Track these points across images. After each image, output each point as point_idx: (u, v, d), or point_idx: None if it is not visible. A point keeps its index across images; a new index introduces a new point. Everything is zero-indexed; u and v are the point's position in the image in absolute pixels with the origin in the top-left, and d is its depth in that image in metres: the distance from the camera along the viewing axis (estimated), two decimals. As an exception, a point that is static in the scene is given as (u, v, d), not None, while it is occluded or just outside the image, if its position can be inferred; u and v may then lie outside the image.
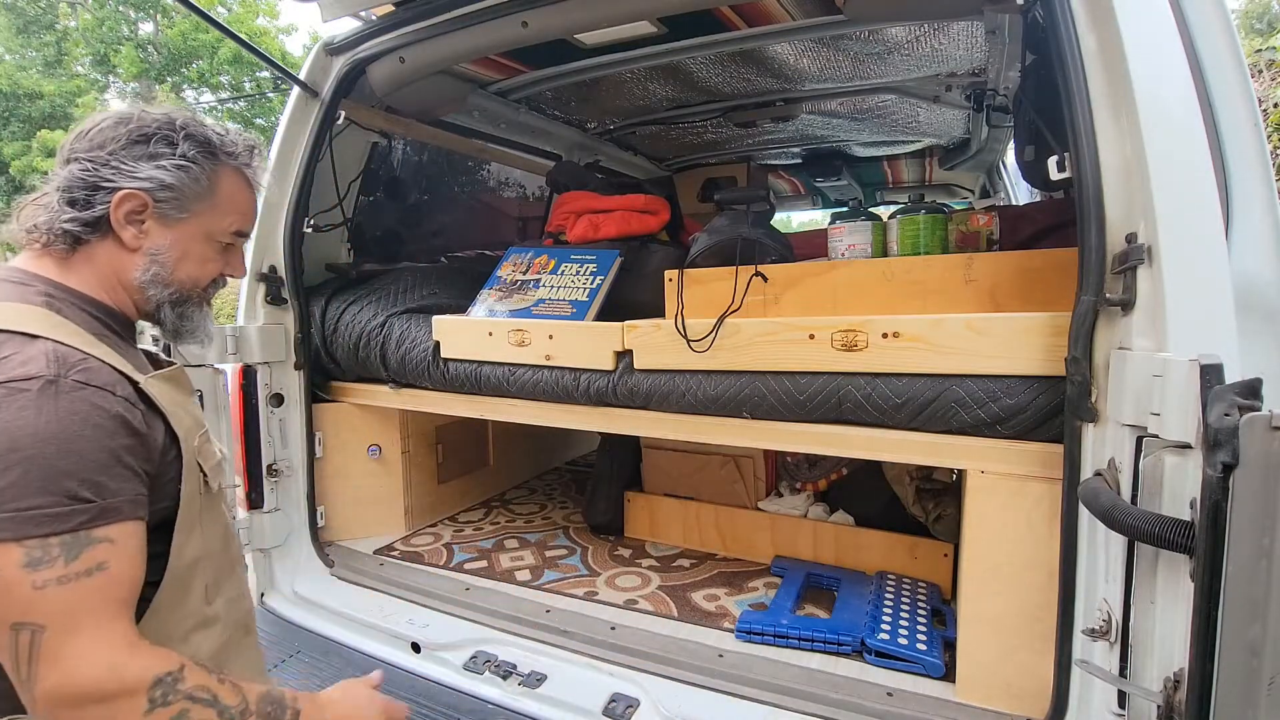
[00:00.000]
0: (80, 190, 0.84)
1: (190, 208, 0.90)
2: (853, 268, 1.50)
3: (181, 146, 0.88)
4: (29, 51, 15.80)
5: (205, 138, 0.91)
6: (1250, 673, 0.72)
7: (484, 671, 1.54)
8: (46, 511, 0.69)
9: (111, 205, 0.84)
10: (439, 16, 1.70)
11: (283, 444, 1.96)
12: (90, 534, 0.71)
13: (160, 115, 0.89)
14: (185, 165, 0.88)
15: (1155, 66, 1.01)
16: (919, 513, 1.89)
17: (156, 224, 0.88)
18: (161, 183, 0.86)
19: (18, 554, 0.68)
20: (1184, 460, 0.86)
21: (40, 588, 0.68)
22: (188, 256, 0.92)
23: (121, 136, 0.86)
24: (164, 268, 0.90)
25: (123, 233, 0.86)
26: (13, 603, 0.68)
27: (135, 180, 0.85)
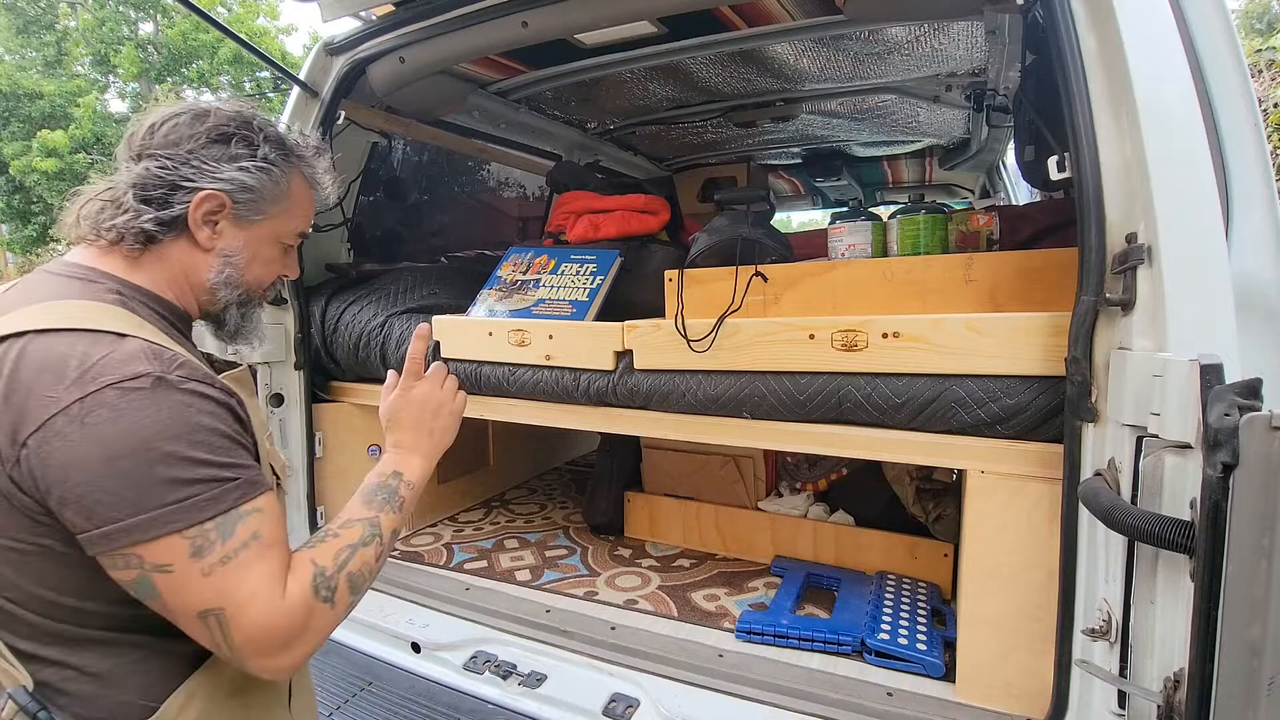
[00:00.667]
0: (158, 189, 0.82)
1: (265, 210, 0.89)
2: (853, 268, 1.50)
3: (262, 149, 0.87)
4: (29, 51, 15.80)
5: (281, 140, 0.90)
6: (1250, 673, 0.72)
7: (484, 671, 1.54)
8: (197, 499, 0.70)
9: (191, 205, 0.83)
10: (439, 16, 1.70)
11: (283, 444, 1.97)
12: (239, 510, 0.73)
13: (235, 113, 0.87)
14: (266, 168, 0.87)
15: (1155, 66, 1.01)
16: (919, 513, 1.89)
17: (231, 225, 0.87)
18: (242, 184, 0.85)
19: (184, 547, 0.69)
20: (1184, 460, 0.86)
21: (208, 574, 0.70)
22: (257, 258, 0.91)
23: (200, 135, 0.84)
24: (236, 269, 0.89)
25: (198, 233, 0.85)
26: (193, 595, 0.70)
27: (216, 181, 0.84)
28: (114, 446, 0.67)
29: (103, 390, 0.67)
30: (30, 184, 13.82)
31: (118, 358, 0.70)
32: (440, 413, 1.01)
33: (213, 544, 0.70)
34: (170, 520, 0.68)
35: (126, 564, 0.68)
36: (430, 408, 1.01)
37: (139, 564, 0.68)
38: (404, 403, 1.00)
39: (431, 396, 1.01)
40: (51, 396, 0.67)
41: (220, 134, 0.85)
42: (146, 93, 16.27)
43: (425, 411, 1.00)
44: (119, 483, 0.67)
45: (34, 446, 0.66)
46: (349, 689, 1.55)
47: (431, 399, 1.01)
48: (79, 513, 0.67)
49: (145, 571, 0.68)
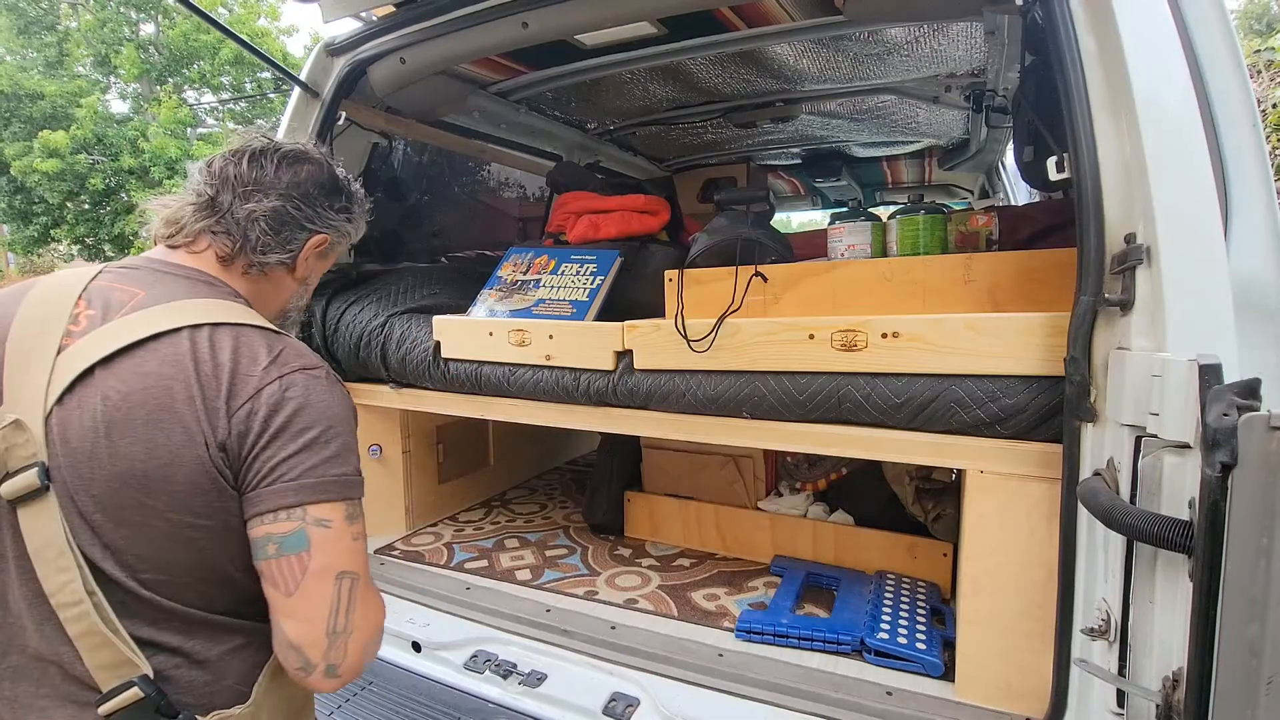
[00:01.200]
0: (286, 228, 0.94)
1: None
2: (852, 268, 1.50)
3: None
4: (30, 52, 15.80)
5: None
6: (1249, 672, 0.73)
7: (484, 671, 1.54)
8: (354, 479, 0.81)
9: (308, 245, 0.97)
10: (439, 17, 1.70)
11: (283, 444, 1.96)
12: (360, 502, 0.83)
13: (329, 162, 1.01)
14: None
15: (1154, 67, 1.01)
16: (918, 512, 1.89)
17: (315, 259, 1.01)
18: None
19: (344, 510, 0.79)
20: (1183, 460, 0.86)
21: (356, 539, 0.80)
22: (313, 286, 1.07)
23: (323, 185, 0.97)
24: (306, 294, 1.05)
25: (301, 265, 0.98)
26: (340, 553, 0.78)
27: (329, 227, 0.99)
28: (307, 418, 0.78)
29: (295, 372, 0.80)
30: (31, 185, 13.82)
31: (295, 348, 0.83)
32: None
33: (357, 517, 0.81)
34: (338, 489, 0.78)
35: (289, 517, 0.76)
36: None
37: (301, 517, 0.76)
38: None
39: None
40: (253, 375, 0.77)
41: (334, 185, 0.99)
42: (147, 93, 16.29)
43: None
44: (306, 450, 0.77)
45: (243, 415, 0.76)
46: (349, 688, 1.56)
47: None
48: (261, 471, 0.76)
49: (305, 524, 0.76)
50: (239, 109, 17.71)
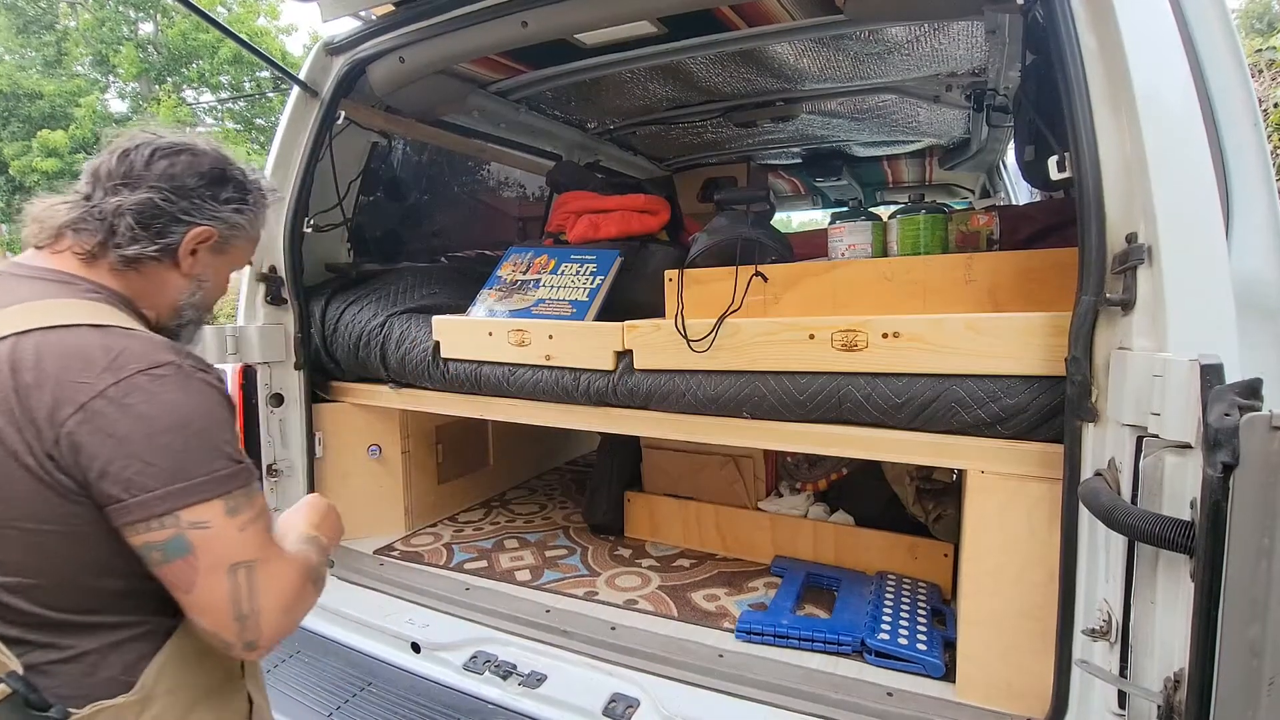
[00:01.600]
0: (156, 219, 0.90)
1: (237, 244, 1.01)
2: (853, 268, 1.50)
3: (252, 195, 1.00)
4: (29, 51, 15.79)
5: (263, 187, 1.03)
6: (1250, 673, 0.72)
7: (484, 671, 1.54)
8: (225, 472, 0.80)
9: (187, 237, 0.93)
10: (439, 16, 1.70)
11: (283, 444, 1.96)
12: (251, 486, 0.83)
13: (221, 155, 0.98)
14: (254, 212, 1.00)
15: (1155, 66, 1.01)
16: (919, 513, 1.89)
17: (209, 255, 0.98)
18: (233, 223, 0.97)
19: (221, 506, 0.78)
20: (1184, 460, 0.86)
21: (244, 528, 0.80)
22: (219, 283, 1.03)
23: (201, 174, 0.94)
24: (205, 293, 1.00)
25: (183, 260, 0.94)
26: (227, 547, 0.78)
27: (214, 219, 0.95)
28: (154, 423, 0.76)
29: (134, 375, 0.76)
30: (30, 184, 13.83)
31: (140, 347, 0.79)
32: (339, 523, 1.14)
33: (242, 508, 0.80)
34: (207, 489, 0.78)
35: (162, 525, 0.76)
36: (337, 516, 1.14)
37: (175, 523, 0.76)
38: (328, 505, 1.13)
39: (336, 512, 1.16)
40: (85, 382, 0.74)
41: (218, 175, 0.96)
42: (146, 92, 16.28)
43: (335, 516, 1.13)
44: (160, 456, 0.76)
45: (73, 426, 0.73)
46: (349, 689, 1.55)
47: (337, 514, 1.15)
48: (117, 484, 0.74)
49: (181, 529, 0.76)
50: (238, 108, 17.71)
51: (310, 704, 1.50)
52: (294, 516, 1.08)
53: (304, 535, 1.00)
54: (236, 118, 17.75)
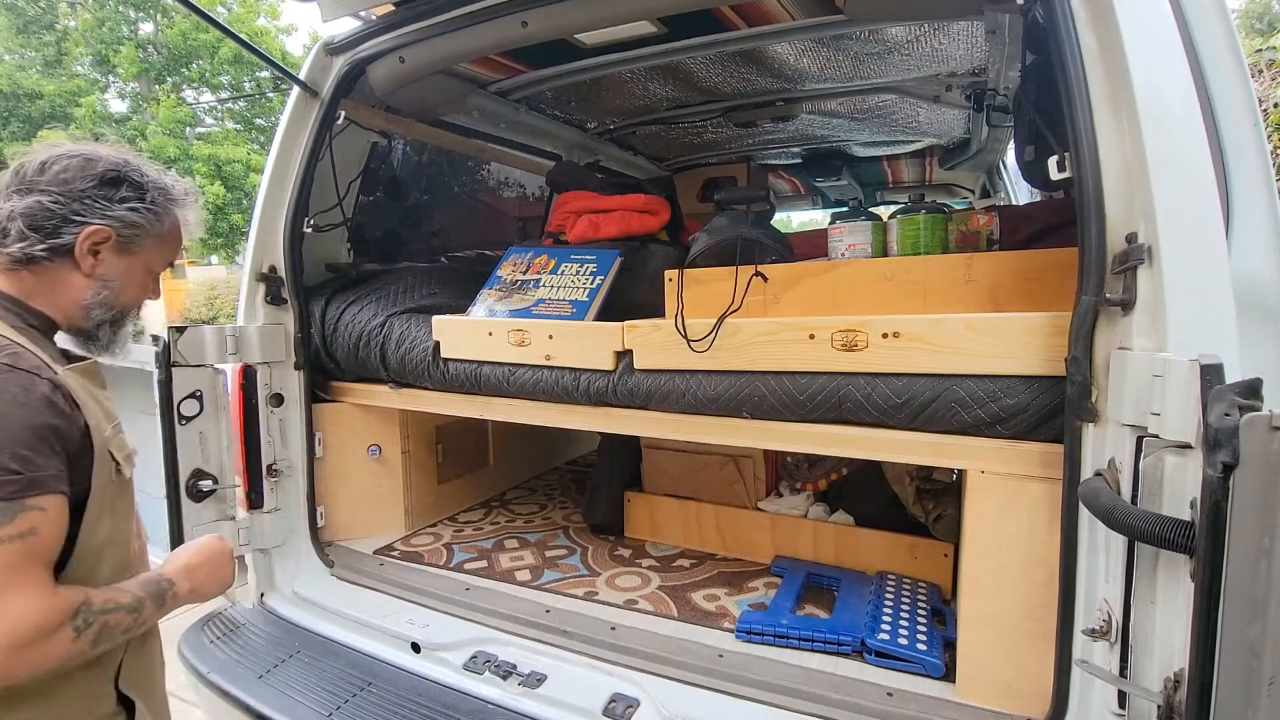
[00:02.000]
0: (48, 221, 0.94)
1: (144, 244, 1.03)
2: (853, 268, 1.50)
3: (151, 193, 1.01)
4: (28, 51, 15.79)
5: (165, 186, 1.05)
6: (1250, 673, 0.72)
7: (484, 671, 1.54)
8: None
9: (80, 237, 0.95)
10: (439, 16, 1.70)
11: (283, 444, 1.96)
12: (23, 502, 0.80)
13: (121, 159, 1.01)
14: (151, 209, 1.01)
15: (1155, 66, 1.01)
16: (919, 513, 1.89)
17: (112, 255, 1.00)
18: (129, 222, 0.99)
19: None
20: (1184, 460, 0.86)
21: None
22: (131, 284, 1.04)
23: (93, 176, 0.97)
24: (112, 293, 1.01)
25: (82, 261, 0.97)
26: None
27: (106, 219, 0.97)
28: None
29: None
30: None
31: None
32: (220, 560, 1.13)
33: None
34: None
35: None
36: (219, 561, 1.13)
37: None
38: (218, 549, 1.13)
39: (230, 559, 1.15)
40: None
41: (111, 177, 0.98)
42: (146, 92, 16.29)
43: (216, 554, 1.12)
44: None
45: None
46: (349, 689, 1.55)
47: (229, 561, 1.15)
48: None
49: None
50: (238, 108, 17.71)
51: (310, 704, 1.50)
52: (176, 556, 1.08)
53: (148, 579, 0.99)
54: (236, 118, 17.74)
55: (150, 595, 0.97)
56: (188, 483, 1.72)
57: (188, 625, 1.81)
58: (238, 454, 1.85)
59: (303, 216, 1.93)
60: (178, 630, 1.78)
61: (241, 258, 1.95)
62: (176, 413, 1.68)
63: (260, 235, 1.92)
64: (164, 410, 1.67)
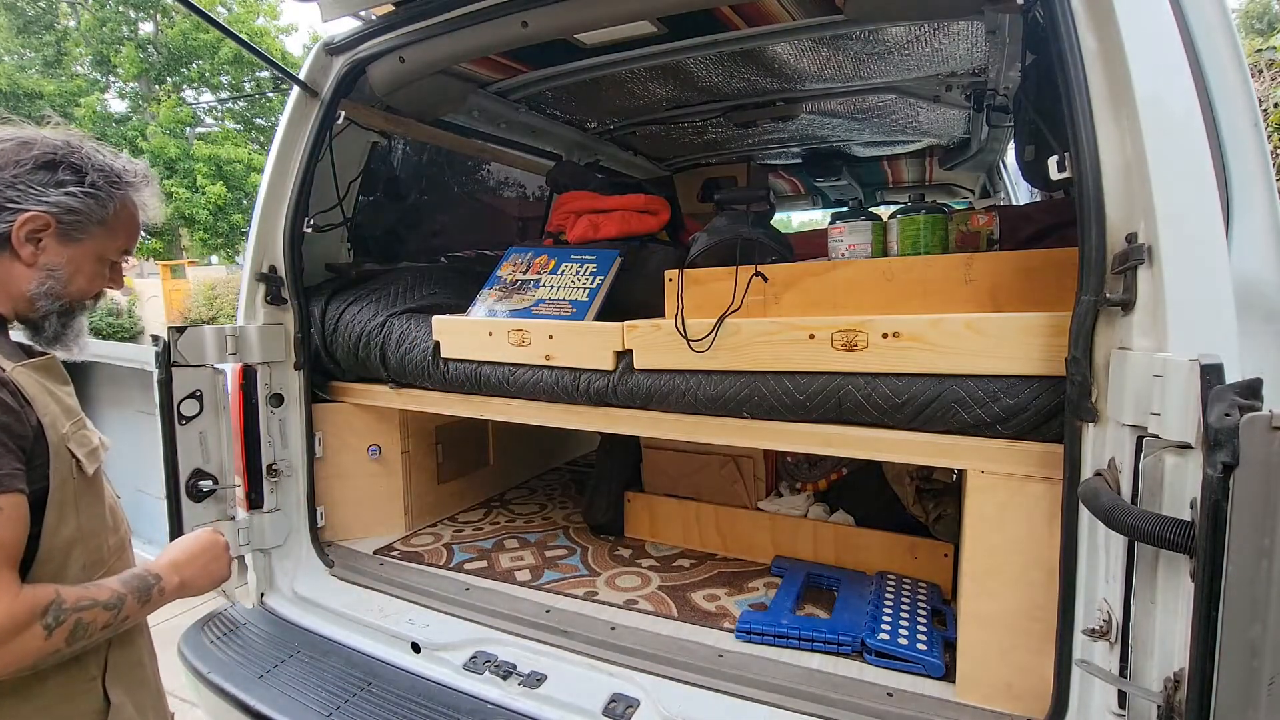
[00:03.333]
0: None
1: (89, 230, 0.97)
2: (853, 268, 1.50)
3: (91, 176, 0.95)
4: (28, 52, 15.79)
5: (109, 168, 0.98)
6: (1250, 673, 0.72)
7: (484, 671, 1.54)
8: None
9: (15, 225, 0.90)
10: (439, 16, 1.70)
11: (283, 444, 1.96)
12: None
13: (62, 142, 0.95)
14: (91, 193, 0.95)
15: (1155, 66, 1.01)
16: (919, 513, 1.89)
17: (55, 243, 0.94)
18: (67, 207, 0.93)
19: None
20: (1184, 460, 0.86)
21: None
22: (80, 273, 0.98)
23: (27, 161, 0.91)
24: (58, 282, 0.96)
25: (21, 249, 0.92)
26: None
27: (41, 204, 0.91)
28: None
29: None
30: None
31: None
32: (210, 555, 1.11)
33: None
34: None
35: None
36: (210, 556, 1.11)
37: None
38: (210, 543, 1.11)
39: (224, 554, 1.14)
40: None
41: (46, 161, 0.92)
42: (146, 92, 16.29)
43: (207, 548, 1.11)
44: None
45: None
46: (349, 689, 1.55)
47: (223, 555, 1.13)
48: None
49: None
50: (238, 108, 17.71)
51: (310, 704, 1.50)
52: (167, 550, 1.06)
53: (132, 575, 0.97)
54: (236, 118, 17.74)
55: (133, 591, 0.95)
56: (188, 483, 1.72)
57: (188, 625, 1.81)
58: (238, 454, 1.85)
59: (303, 216, 1.93)
60: (177, 630, 1.78)
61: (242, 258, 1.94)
62: (176, 413, 1.68)
63: (260, 235, 1.92)
64: (164, 410, 1.67)
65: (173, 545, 1.09)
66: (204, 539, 1.10)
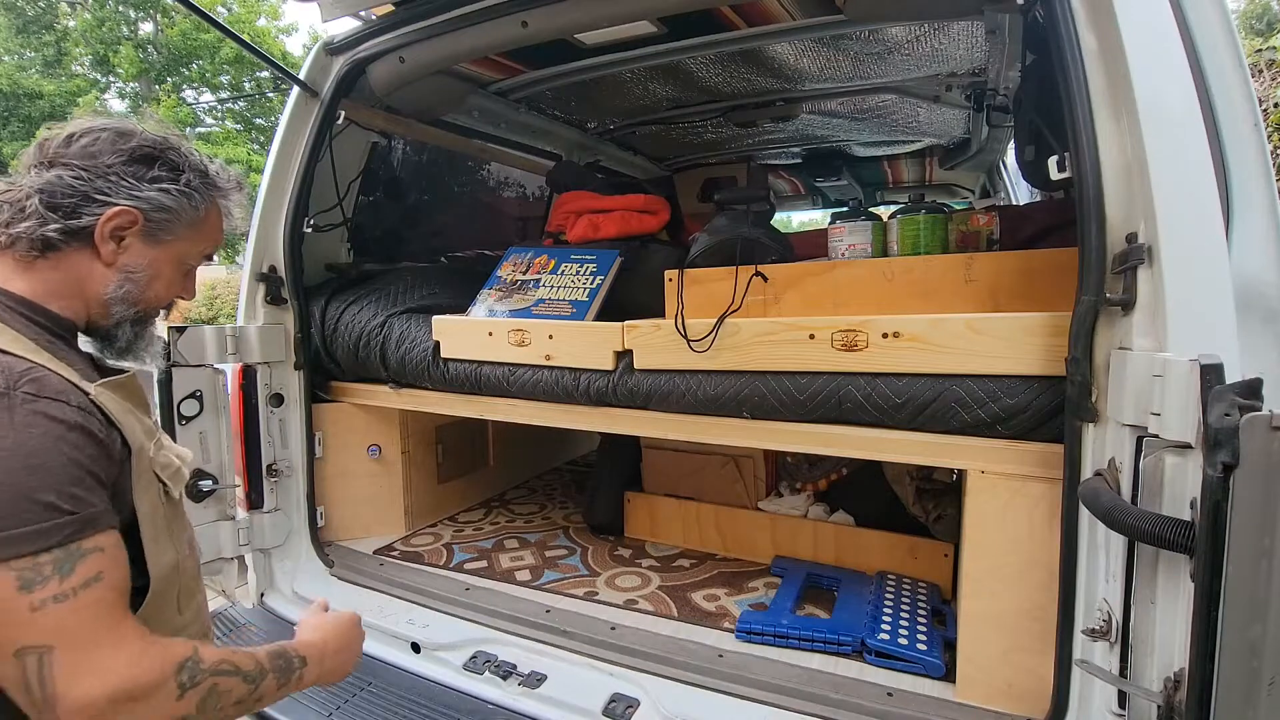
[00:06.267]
0: (67, 198, 0.81)
1: (176, 232, 0.90)
2: (853, 268, 1.50)
3: (187, 174, 0.89)
4: (28, 52, 15.79)
5: (205, 169, 0.92)
6: (1250, 673, 0.72)
7: (484, 671, 1.54)
8: (28, 530, 0.66)
9: (101, 219, 0.83)
10: (439, 16, 1.70)
11: (283, 444, 1.96)
12: (80, 546, 0.69)
13: (159, 137, 0.89)
14: (185, 192, 0.89)
15: (1155, 66, 1.01)
16: (919, 513, 1.89)
17: (139, 243, 0.87)
18: (160, 204, 0.86)
19: (9, 578, 0.65)
20: (1184, 460, 0.86)
21: (38, 608, 0.66)
22: (159, 277, 0.91)
23: (123, 152, 0.85)
24: (136, 286, 0.88)
25: (103, 247, 0.85)
26: (13, 628, 0.66)
27: (134, 199, 0.84)
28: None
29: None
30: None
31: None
32: (354, 648, 1.04)
33: (46, 579, 0.67)
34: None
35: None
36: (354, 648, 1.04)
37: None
38: (349, 626, 1.03)
39: (358, 643, 1.05)
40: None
41: (144, 155, 0.86)
42: (146, 92, 16.29)
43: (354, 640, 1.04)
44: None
45: None
46: (349, 689, 1.55)
47: (357, 644, 1.05)
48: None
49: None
50: (238, 108, 17.71)
51: (310, 704, 1.50)
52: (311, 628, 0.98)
53: (278, 650, 0.88)
54: (237, 118, 17.74)
55: (276, 670, 0.85)
56: (188, 482, 1.71)
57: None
58: (238, 454, 1.85)
59: (303, 216, 1.93)
60: (178, 630, 1.78)
61: (242, 258, 1.94)
62: (176, 412, 1.68)
63: (260, 235, 1.92)
64: (164, 410, 1.67)
65: (317, 624, 1.00)
66: (352, 630, 1.02)
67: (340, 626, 1.00)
